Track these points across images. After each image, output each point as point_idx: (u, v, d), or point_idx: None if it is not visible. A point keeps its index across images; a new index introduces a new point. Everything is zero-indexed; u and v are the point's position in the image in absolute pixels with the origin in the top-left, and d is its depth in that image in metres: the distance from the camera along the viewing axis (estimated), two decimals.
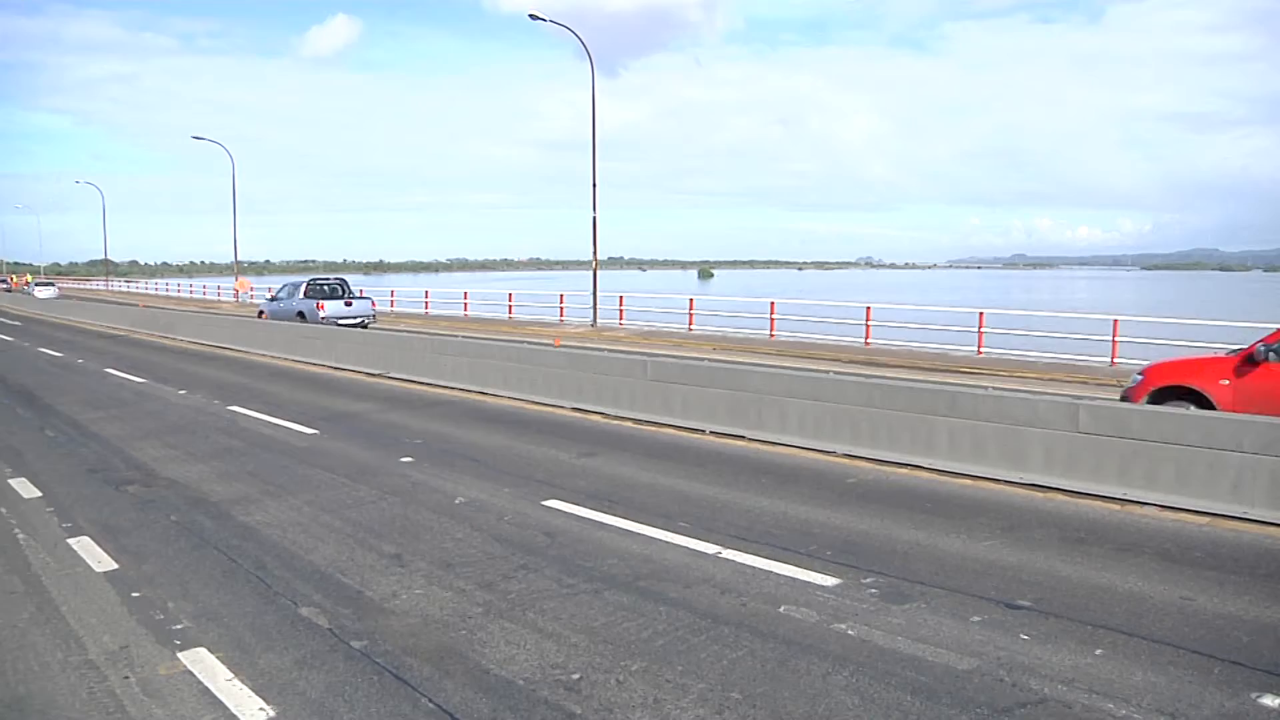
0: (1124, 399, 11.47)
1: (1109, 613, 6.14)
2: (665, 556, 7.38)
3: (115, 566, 7.34)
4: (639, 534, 7.99)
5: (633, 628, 5.95)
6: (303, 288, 32.77)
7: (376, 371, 19.83)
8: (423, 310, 44.93)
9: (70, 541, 8.02)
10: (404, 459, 11.18)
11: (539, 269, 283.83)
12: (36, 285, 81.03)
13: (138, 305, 45.95)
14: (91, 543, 7.95)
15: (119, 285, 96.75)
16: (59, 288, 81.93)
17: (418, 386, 17.89)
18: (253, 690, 5.14)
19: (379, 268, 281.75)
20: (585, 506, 8.88)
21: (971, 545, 7.63)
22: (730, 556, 7.33)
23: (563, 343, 22.47)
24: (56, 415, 15.05)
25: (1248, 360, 10.70)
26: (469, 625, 6.03)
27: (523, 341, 21.85)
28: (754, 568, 7.07)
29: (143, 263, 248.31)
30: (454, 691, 5.09)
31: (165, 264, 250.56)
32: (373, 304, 33.95)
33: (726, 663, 5.40)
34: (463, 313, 42.09)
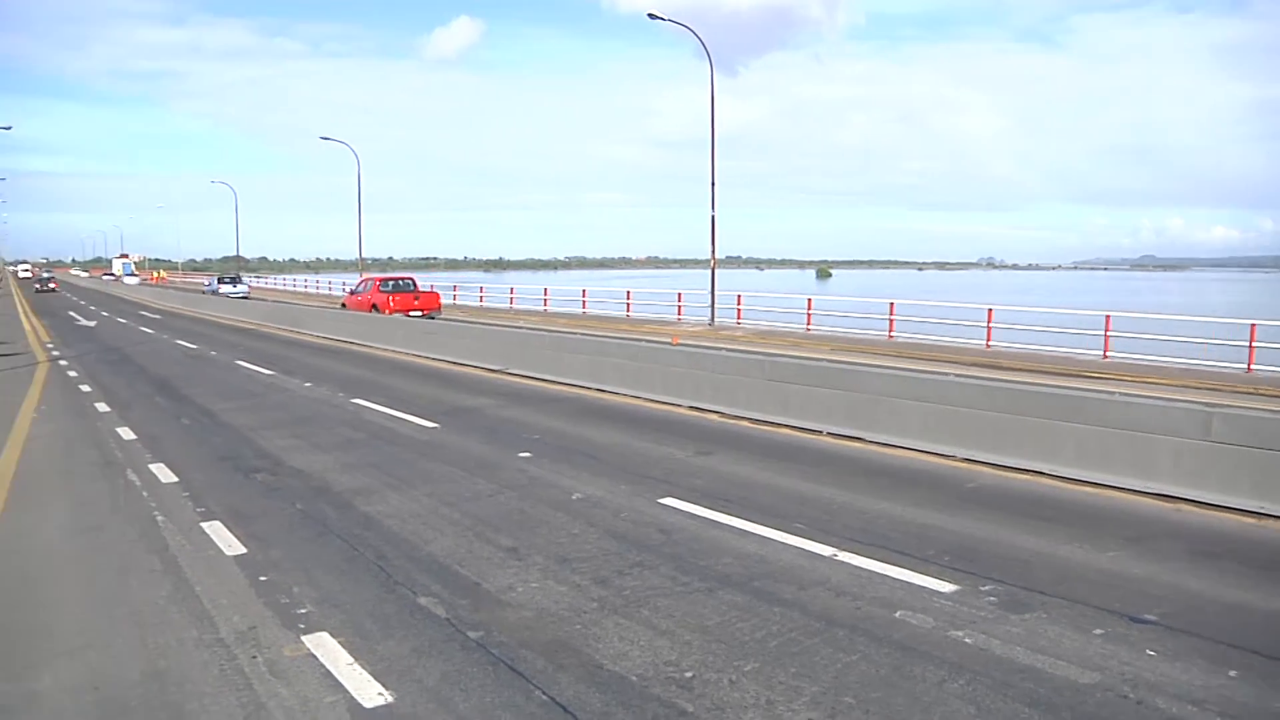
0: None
1: (1244, 632, 5.87)
2: (780, 557, 7.34)
3: (244, 551, 7.63)
4: (754, 534, 7.95)
5: (746, 628, 5.93)
6: (216, 278, 65.34)
7: (496, 367, 20.12)
8: (542, 307, 45.45)
9: (203, 525, 8.37)
10: (522, 454, 11.32)
11: (656, 267, 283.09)
12: (126, 276, 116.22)
13: (266, 300, 47.52)
14: (222, 527, 8.29)
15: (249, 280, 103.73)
16: (140, 278, 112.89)
17: (536, 383, 18.08)
18: (372, 675, 5.29)
19: (498, 265, 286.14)
20: (701, 505, 8.86)
21: (1095, 555, 7.38)
22: (846, 559, 7.25)
23: (680, 341, 22.47)
24: (191, 405, 15.69)
25: (351, 293, 39.44)
26: (583, 620, 6.09)
27: (640, 339, 21.92)
28: (869, 571, 6.97)
29: (271, 259, 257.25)
30: (567, 685, 5.14)
31: (293, 260, 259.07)
32: (249, 287, 64.88)
33: (840, 666, 5.35)
34: (581, 310, 42.45)
